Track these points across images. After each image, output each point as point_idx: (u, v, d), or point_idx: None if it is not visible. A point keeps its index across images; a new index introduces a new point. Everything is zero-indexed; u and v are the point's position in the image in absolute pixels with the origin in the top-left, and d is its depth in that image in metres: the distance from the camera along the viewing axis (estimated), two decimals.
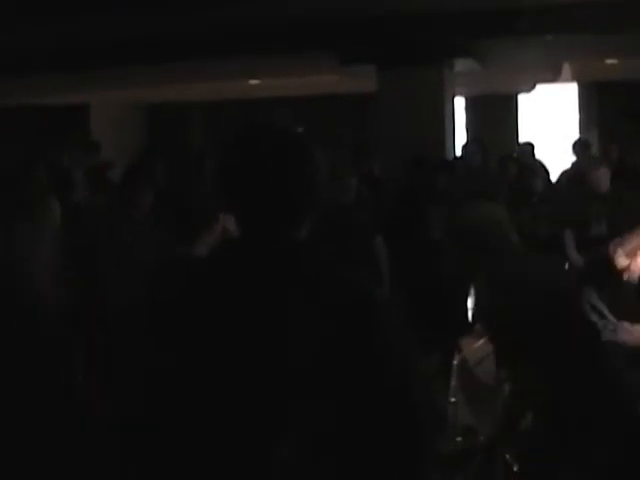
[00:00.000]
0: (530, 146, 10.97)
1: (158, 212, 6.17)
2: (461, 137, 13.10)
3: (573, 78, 15.60)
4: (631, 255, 4.72)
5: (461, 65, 11.22)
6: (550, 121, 16.89)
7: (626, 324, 4.58)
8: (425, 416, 1.99)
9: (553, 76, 14.30)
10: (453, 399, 5.66)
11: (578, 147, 10.77)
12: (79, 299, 5.94)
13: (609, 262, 4.97)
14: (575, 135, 14.84)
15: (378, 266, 7.46)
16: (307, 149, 2.12)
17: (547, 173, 10.20)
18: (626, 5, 9.34)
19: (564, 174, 10.74)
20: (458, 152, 10.72)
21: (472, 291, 4.65)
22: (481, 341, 5.84)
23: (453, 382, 5.73)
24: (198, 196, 6.81)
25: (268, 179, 2.05)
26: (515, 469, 5.25)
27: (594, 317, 4.55)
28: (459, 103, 15.45)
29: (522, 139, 14.72)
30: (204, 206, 6.07)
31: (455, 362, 5.76)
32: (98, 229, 6.11)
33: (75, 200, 7.89)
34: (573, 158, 10.84)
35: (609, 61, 12.83)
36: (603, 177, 8.24)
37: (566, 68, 13.68)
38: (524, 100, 16.88)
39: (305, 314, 1.94)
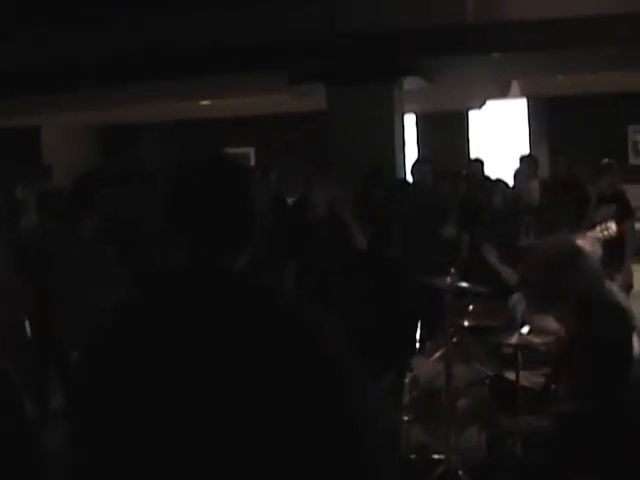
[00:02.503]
0: (480, 163, 11.01)
1: (104, 236, 6.10)
2: (412, 154, 13.16)
3: (522, 94, 15.78)
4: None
5: (410, 83, 11.29)
6: (500, 137, 17.04)
7: None
8: (370, 445, 2.00)
9: (502, 92, 14.46)
10: (406, 417, 5.69)
11: (526, 162, 10.85)
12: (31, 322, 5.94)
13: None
14: (525, 150, 15.01)
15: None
16: (246, 180, 2.16)
17: (507, 189, 10.16)
18: (571, 22, 9.48)
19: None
20: (408, 169, 10.77)
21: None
22: (432, 359, 5.90)
23: (405, 401, 5.76)
24: (147, 221, 6.77)
25: (207, 211, 2.08)
26: None
27: None
28: (410, 120, 15.56)
29: (473, 155, 14.83)
30: (152, 230, 6.05)
31: (407, 381, 5.79)
32: (45, 254, 6.04)
33: (27, 226, 7.83)
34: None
35: (557, 77, 12.99)
36: (533, 191, 8.36)
37: (515, 84, 13.84)
38: (474, 116, 17.04)
39: (246, 344, 1.95)
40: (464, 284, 5.85)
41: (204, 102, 14.79)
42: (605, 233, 5.39)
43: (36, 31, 9.27)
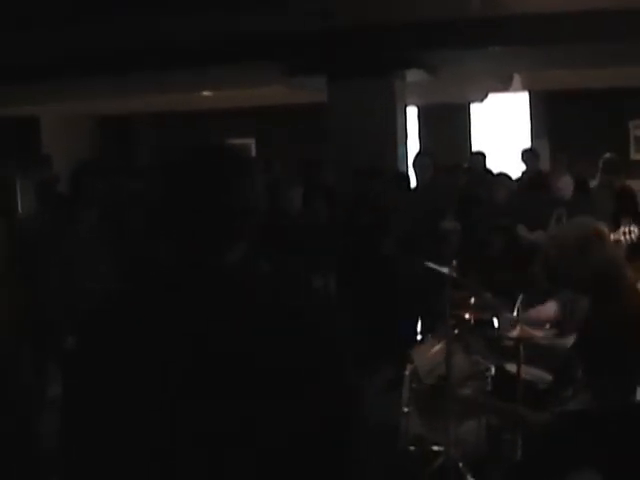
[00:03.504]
0: (481, 156, 11.00)
1: (103, 227, 6.10)
2: (413, 147, 13.15)
3: (524, 87, 15.76)
4: None
5: (413, 75, 11.27)
6: (502, 130, 17.02)
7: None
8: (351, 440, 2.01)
9: (504, 86, 14.44)
10: (406, 409, 5.68)
11: (527, 156, 10.85)
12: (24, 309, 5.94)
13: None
14: (527, 144, 14.99)
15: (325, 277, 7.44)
16: (245, 169, 2.12)
17: (511, 182, 10.10)
18: (573, 16, 9.47)
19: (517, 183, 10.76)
20: (410, 162, 10.76)
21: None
22: (432, 351, 5.89)
23: (405, 393, 5.75)
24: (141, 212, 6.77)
25: (195, 204, 2.06)
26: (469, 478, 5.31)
27: None
28: (412, 113, 15.53)
29: (474, 148, 14.81)
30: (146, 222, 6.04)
31: (407, 373, 5.79)
32: (41, 243, 6.04)
33: (25, 217, 7.82)
34: (523, 167, 10.92)
35: (559, 71, 12.97)
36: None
37: (517, 78, 13.83)
38: (476, 109, 17.01)
39: (229, 336, 1.95)
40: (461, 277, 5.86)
41: (205, 93, 14.76)
42: (627, 237, 5.32)
43: (37, 20, 9.23)
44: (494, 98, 16.45)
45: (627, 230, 5.31)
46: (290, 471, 1.92)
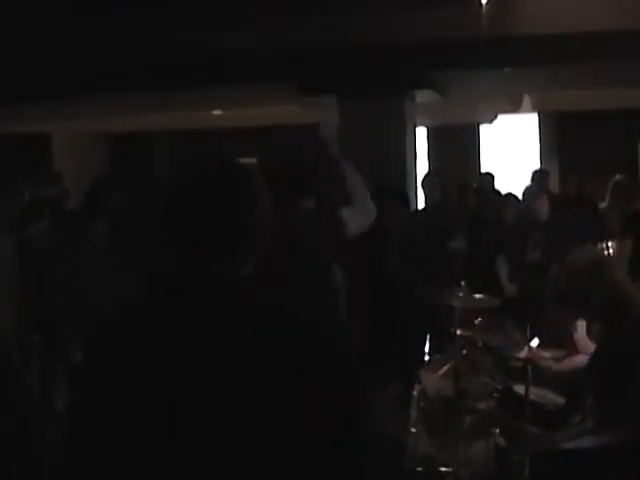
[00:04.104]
0: (491, 176, 11.04)
1: (114, 240, 6.13)
2: (423, 167, 13.16)
3: (533, 109, 15.79)
4: None
5: (423, 96, 11.29)
6: (511, 152, 17.03)
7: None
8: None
9: (514, 107, 14.47)
10: (413, 429, 5.67)
11: (537, 177, 10.86)
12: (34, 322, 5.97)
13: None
14: (536, 165, 15.01)
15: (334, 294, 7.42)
16: (250, 183, 2.14)
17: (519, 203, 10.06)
18: (583, 37, 9.48)
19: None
20: (419, 182, 10.78)
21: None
22: (440, 371, 5.89)
23: (413, 413, 5.74)
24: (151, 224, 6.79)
25: (208, 216, 2.07)
26: None
27: None
28: (421, 133, 15.55)
29: (483, 169, 14.82)
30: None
31: (415, 393, 5.78)
32: (51, 256, 6.09)
33: (35, 232, 7.86)
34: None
35: (568, 92, 12.99)
36: (542, 206, 8.31)
37: (526, 99, 13.85)
38: (486, 131, 17.04)
39: (238, 335, 1.96)
40: (477, 296, 5.87)
41: (216, 112, 14.81)
42: (607, 252, 5.38)
43: (48, 35, 9.29)
44: (504, 119, 16.49)
45: (605, 245, 5.38)
46: (290, 471, 1.92)
